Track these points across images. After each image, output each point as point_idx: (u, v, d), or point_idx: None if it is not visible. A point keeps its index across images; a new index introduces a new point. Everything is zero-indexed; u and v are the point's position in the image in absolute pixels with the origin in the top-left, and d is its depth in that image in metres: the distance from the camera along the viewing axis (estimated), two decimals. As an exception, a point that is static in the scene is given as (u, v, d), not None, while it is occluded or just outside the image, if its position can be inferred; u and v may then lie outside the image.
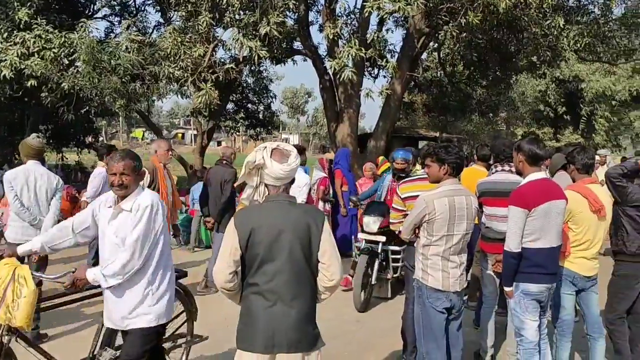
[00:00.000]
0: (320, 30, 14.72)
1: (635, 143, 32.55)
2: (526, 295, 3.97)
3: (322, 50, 15.78)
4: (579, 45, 12.66)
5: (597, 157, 9.71)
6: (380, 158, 12.62)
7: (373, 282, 6.63)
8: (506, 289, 4.05)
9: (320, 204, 8.69)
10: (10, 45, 10.79)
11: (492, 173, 5.14)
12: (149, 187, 6.12)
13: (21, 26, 11.23)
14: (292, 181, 2.97)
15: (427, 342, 3.86)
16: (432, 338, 3.83)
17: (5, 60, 10.59)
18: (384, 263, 6.83)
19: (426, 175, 4.43)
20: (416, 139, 20.35)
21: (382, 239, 6.60)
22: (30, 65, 10.57)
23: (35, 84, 11.24)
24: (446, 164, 3.82)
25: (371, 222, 6.67)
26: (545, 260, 3.92)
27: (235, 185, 6.93)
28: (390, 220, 4.79)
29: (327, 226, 2.88)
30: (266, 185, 2.91)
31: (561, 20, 11.54)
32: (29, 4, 11.90)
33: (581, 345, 4.92)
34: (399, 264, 6.64)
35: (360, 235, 6.89)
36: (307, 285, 2.83)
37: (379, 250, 6.66)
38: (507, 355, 5.00)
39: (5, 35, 11.26)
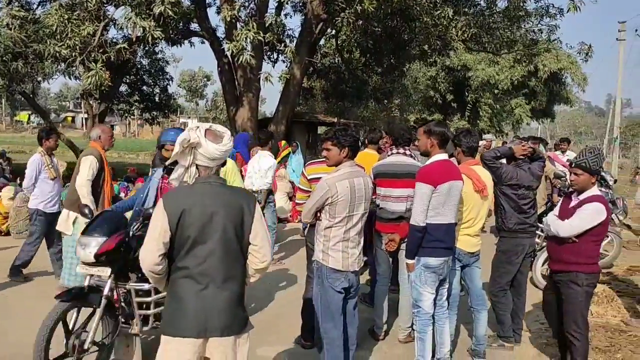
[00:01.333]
0: (218, 12, 14.46)
1: (516, 129, 35.00)
2: (426, 268, 4.23)
3: (221, 32, 15.53)
4: (466, 35, 13.37)
5: (483, 142, 10.35)
6: (283, 142, 12.73)
7: (105, 343, 4.06)
8: (408, 261, 4.28)
9: None
10: None
11: (388, 156, 5.34)
12: (97, 174, 5.87)
13: None
14: (224, 163, 2.93)
15: (325, 321, 3.95)
16: (330, 317, 3.93)
17: None
18: (119, 310, 4.09)
19: None
20: (315, 124, 20.61)
21: (106, 272, 4.00)
22: None
23: None
24: (346, 147, 3.92)
25: (85, 248, 3.97)
26: (444, 235, 4.21)
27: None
28: (297, 201, 4.89)
29: (258, 209, 2.87)
30: (197, 167, 2.84)
31: (450, 11, 12.15)
32: None
33: (466, 317, 5.29)
34: (151, 311, 4.10)
35: (79, 270, 4.23)
36: (238, 268, 2.82)
37: (106, 292, 3.94)
38: (399, 330, 5.28)
39: None
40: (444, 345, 4.43)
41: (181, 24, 13.82)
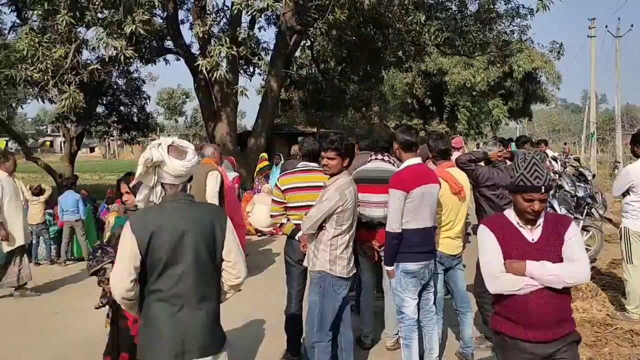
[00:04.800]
0: (191, 28, 14.42)
1: (495, 129, 35.33)
2: (406, 274, 4.21)
3: (195, 49, 15.48)
4: (439, 39, 13.50)
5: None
6: (261, 155, 12.71)
7: None
8: (387, 268, 4.27)
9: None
10: None
11: (368, 162, 5.34)
12: (219, 191, 6.38)
13: None
14: (190, 179, 2.87)
15: (318, 332, 3.96)
16: (324, 327, 3.95)
17: None
18: None
19: (306, 167, 4.58)
20: (295, 135, 20.61)
21: None
22: None
23: None
24: (347, 157, 4.00)
25: None
26: (421, 239, 4.19)
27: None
28: (271, 213, 4.84)
29: (230, 224, 2.80)
30: (162, 185, 2.75)
31: (422, 16, 12.25)
32: None
33: (452, 320, 5.27)
34: None
35: None
36: (213, 286, 2.75)
37: None
38: (386, 337, 5.25)
39: None
40: (433, 350, 4.41)
41: (154, 42, 13.75)
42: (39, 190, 9.00)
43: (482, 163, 5.16)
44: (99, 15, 10.23)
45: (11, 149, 60.12)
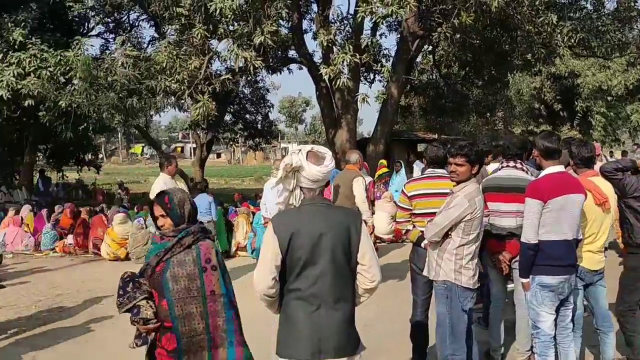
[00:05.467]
0: (315, 37, 14.80)
1: (634, 136, 32.56)
2: (543, 287, 3.96)
3: (318, 57, 15.85)
4: (573, 41, 12.70)
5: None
6: (380, 161, 12.69)
7: None
8: (522, 280, 4.06)
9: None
10: (6, 66, 10.84)
11: (499, 169, 5.13)
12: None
13: (16, 46, 11.29)
14: (327, 183, 2.97)
15: (452, 343, 3.86)
16: (459, 338, 3.85)
17: (2, 81, 10.63)
18: None
19: (434, 174, 4.49)
20: (415, 141, 20.38)
21: None
22: (26, 85, 10.62)
23: (33, 104, 11.31)
24: (477, 164, 3.88)
25: None
26: (561, 252, 3.91)
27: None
28: (397, 220, 4.78)
29: (364, 228, 2.85)
30: (301, 189, 2.88)
31: (554, 16, 11.58)
32: (22, 24, 11.99)
33: (591, 339, 4.89)
34: None
35: None
36: (349, 288, 2.81)
37: None
38: (516, 353, 4.97)
39: (0, 56, 11.30)
40: (570, 369, 4.11)
41: (280, 52, 14.26)
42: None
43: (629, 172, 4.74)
44: (230, 27, 10.81)
45: (146, 154, 65.19)
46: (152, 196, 7.20)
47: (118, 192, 20.17)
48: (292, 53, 16.17)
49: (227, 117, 21.33)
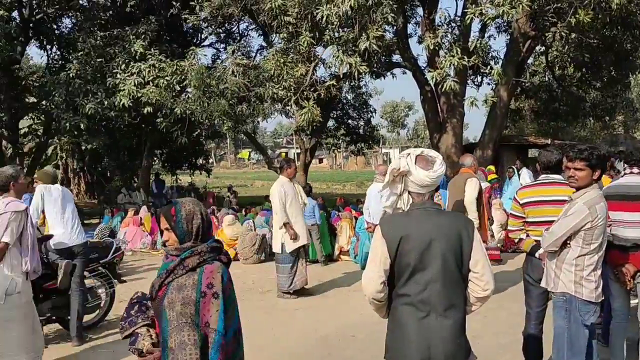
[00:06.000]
0: (420, 41, 14.62)
1: None
2: None
3: (422, 61, 15.66)
4: None
5: None
6: (487, 167, 12.24)
7: None
8: None
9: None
10: (128, 76, 11.69)
11: (621, 176, 4.78)
12: (477, 199, 6.66)
13: (137, 57, 12.16)
14: (437, 188, 2.89)
15: (570, 359, 3.65)
16: (577, 354, 3.64)
17: (124, 89, 11.48)
18: None
19: (548, 180, 4.24)
20: (525, 146, 19.49)
21: None
22: (146, 93, 11.37)
23: (151, 111, 12.08)
24: (599, 169, 3.64)
25: None
26: None
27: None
28: (509, 228, 4.58)
29: (477, 234, 2.75)
30: (409, 193, 2.80)
31: (683, 12, 10.65)
32: (143, 36, 12.89)
33: None
34: None
35: None
36: (459, 295, 2.72)
37: None
38: (643, 376, 4.58)
39: (123, 66, 12.23)
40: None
41: (384, 57, 14.23)
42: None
43: None
44: (336, 34, 10.95)
45: (253, 159, 67.53)
46: (272, 198, 7.52)
47: (227, 195, 21.03)
48: (396, 57, 16.07)
49: (330, 123, 21.57)
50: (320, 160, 70.68)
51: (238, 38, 18.20)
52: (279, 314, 6.89)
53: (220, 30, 18.09)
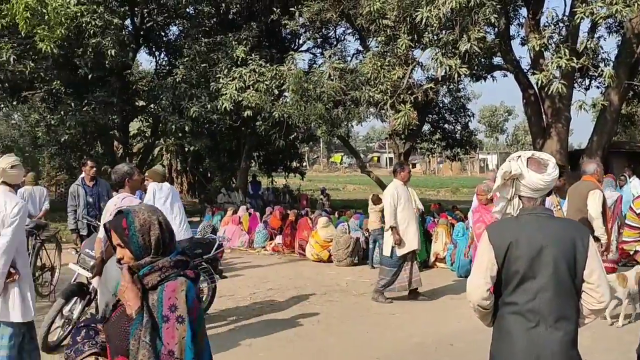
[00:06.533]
0: (523, 43, 14.07)
1: None
2: None
3: (524, 63, 15.05)
4: None
5: None
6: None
7: None
8: None
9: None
10: (230, 80, 12.16)
11: None
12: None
13: (238, 62, 12.65)
14: (549, 193, 2.77)
15: None
16: None
17: (226, 93, 11.96)
18: None
19: None
20: (637, 154, 18.18)
21: None
22: (246, 97, 11.78)
23: (251, 114, 12.49)
24: None
25: None
26: None
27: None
28: (623, 239, 4.29)
29: (593, 243, 2.60)
30: (520, 197, 2.71)
31: None
32: (244, 42, 13.40)
33: None
34: None
35: None
36: (572, 307, 2.59)
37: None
38: None
39: (225, 71, 12.75)
40: None
41: (484, 59, 13.82)
42: (376, 199, 9.83)
43: None
44: (435, 36, 10.78)
45: (345, 163, 67.91)
46: (384, 200, 7.51)
47: (320, 197, 21.29)
48: (497, 60, 15.55)
49: (426, 127, 21.25)
50: (414, 165, 69.68)
51: (335, 42, 18.40)
52: (373, 317, 6.87)
53: (317, 35, 18.38)
